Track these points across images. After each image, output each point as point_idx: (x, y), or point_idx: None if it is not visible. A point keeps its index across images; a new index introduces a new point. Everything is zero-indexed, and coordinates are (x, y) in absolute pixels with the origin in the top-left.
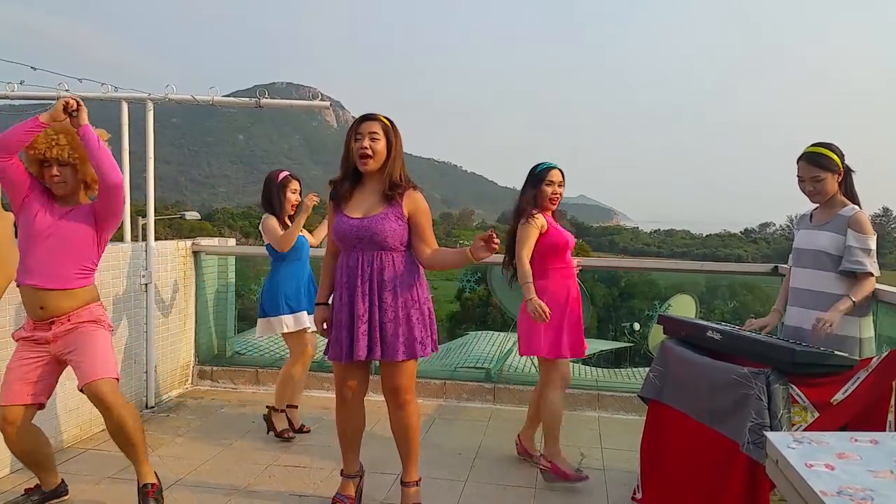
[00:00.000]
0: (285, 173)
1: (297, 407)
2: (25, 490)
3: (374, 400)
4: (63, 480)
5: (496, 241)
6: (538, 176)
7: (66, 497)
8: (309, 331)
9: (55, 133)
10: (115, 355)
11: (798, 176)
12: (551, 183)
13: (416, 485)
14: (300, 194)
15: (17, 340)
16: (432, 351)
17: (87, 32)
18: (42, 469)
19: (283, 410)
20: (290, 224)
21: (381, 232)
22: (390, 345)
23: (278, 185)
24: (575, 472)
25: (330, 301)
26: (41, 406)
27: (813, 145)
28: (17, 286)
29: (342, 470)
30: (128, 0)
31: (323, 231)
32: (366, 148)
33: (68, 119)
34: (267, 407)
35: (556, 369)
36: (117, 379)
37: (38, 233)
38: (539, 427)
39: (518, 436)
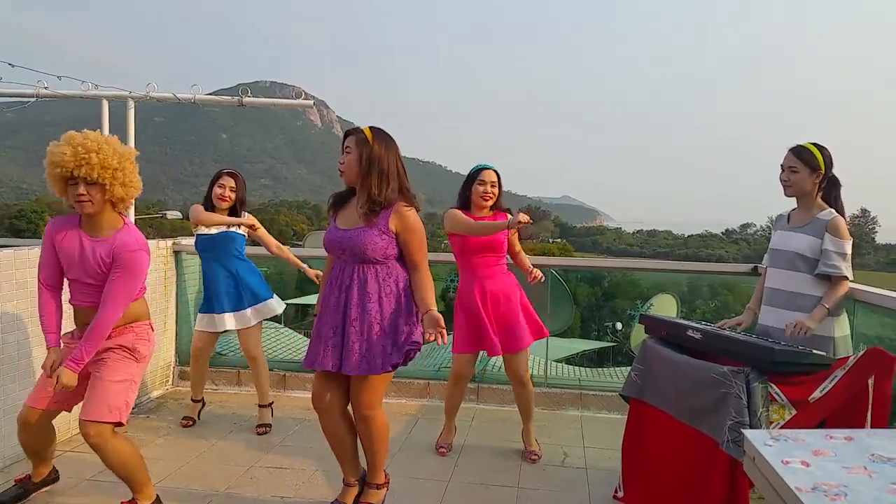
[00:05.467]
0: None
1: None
2: (16, 480)
3: None
4: (54, 467)
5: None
6: (471, 176)
7: (55, 483)
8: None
9: (85, 151)
10: (131, 390)
11: (780, 164)
12: (483, 182)
13: (380, 487)
14: (231, 190)
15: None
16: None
17: (68, 28)
18: (41, 461)
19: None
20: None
21: (360, 244)
22: (374, 357)
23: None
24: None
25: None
26: (67, 410)
27: (807, 142)
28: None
29: (343, 478)
30: None
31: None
32: (341, 163)
33: None
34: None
35: (452, 363)
36: (114, 423)
37: (72, 261)
38: (531, 421)
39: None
